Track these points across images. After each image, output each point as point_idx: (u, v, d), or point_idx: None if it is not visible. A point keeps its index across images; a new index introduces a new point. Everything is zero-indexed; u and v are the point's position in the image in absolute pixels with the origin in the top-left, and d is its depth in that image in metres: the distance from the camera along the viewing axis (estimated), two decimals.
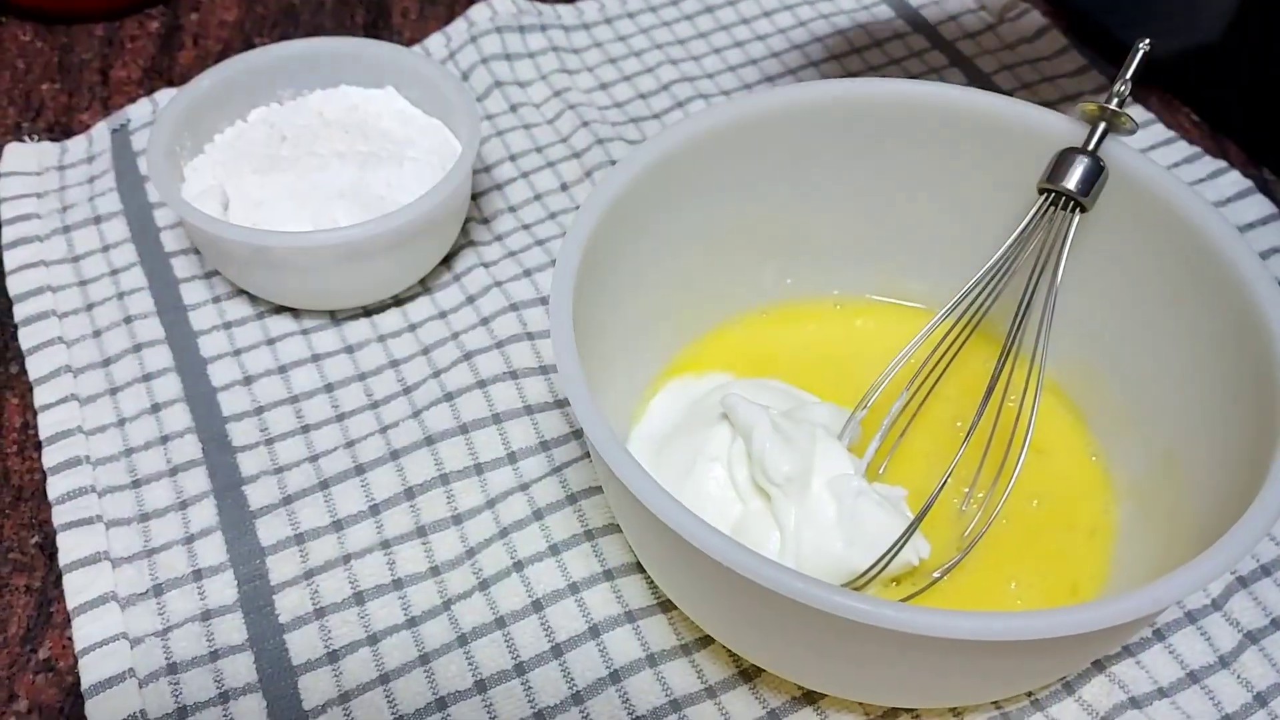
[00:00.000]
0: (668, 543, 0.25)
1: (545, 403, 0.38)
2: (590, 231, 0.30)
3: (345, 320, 0.41)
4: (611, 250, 0.31)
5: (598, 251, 0.30)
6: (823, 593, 0.23)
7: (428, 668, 0.32)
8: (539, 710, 0.31)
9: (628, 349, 0.34)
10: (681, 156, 0.32)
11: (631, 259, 0.32)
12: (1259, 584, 0.33)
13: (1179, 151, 0.46)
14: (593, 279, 0.30)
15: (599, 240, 0.30)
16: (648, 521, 0.25)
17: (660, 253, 0.34)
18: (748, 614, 0.26)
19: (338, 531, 0.35)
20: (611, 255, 0.31)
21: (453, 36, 0.50)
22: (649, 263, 0.33)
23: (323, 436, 0.37)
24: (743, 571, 0.24)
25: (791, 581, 0.23)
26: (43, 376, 0.39)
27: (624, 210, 0.31)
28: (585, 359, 0.28)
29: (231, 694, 0.31)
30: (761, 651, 0.29)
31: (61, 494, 0.35)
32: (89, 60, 0.51)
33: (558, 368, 0.28)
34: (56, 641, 0.33)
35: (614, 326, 0.32)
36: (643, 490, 0.25)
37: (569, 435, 0.37)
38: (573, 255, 0.29)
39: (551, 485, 0.35)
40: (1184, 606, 0.33)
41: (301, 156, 0.40)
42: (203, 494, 0.36)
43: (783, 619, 0.25)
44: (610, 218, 0.31)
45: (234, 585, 0.34)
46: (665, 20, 0.53)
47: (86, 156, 0.46)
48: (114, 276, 0.42)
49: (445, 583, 0.33)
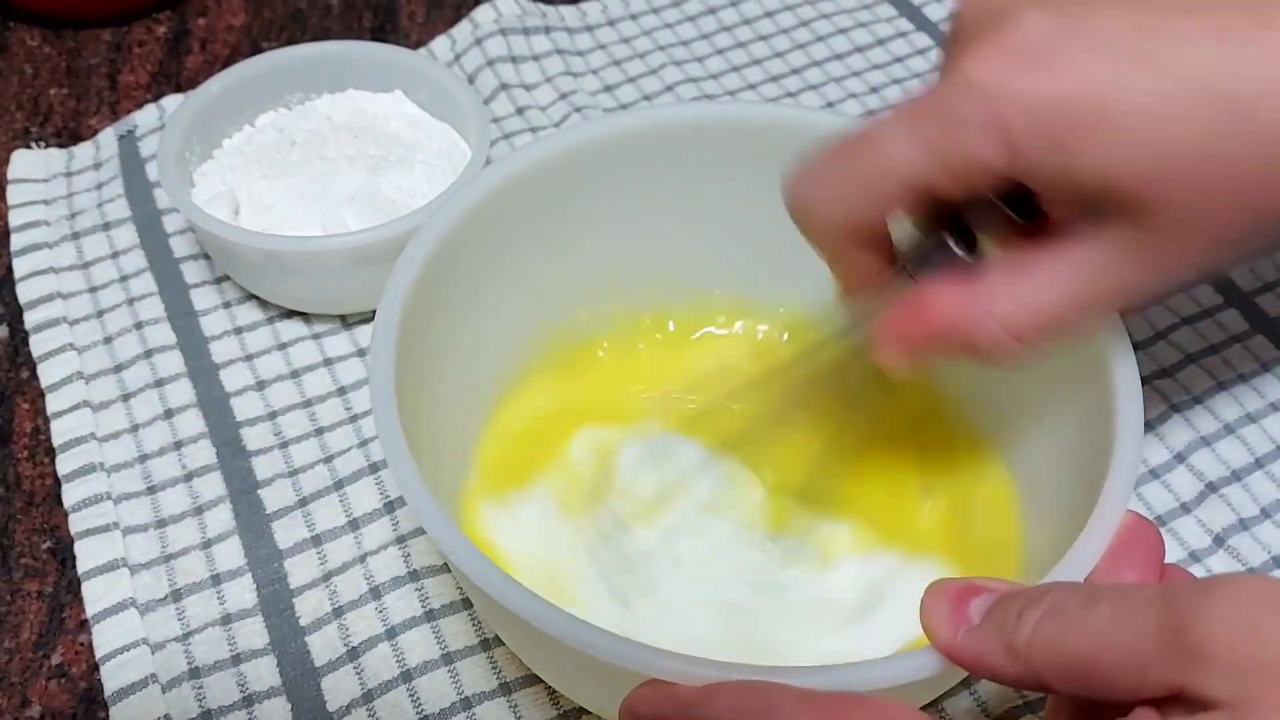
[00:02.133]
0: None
1: None
2: (404, 301, 0.28)
3: (356, 324, 0.41)
4: (433, 312, 0.30)
5: (417, 318, 0.29)
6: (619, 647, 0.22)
7: (451, 668, 0.32)
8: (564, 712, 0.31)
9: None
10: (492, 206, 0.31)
11: (455, 314, 0.31)
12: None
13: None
14: (417, 342, 0.29)
15: (416, 306, 0.29)
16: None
17: (479, 310, 0.32)
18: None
19: (354, 531, 0.35)
20: (433, 317, 0.30)
21: (458, 39, 0.50)
22: (470, 319, 0.32)
23: (336, 438, 0.37)
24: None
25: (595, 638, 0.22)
26: (55, 383, 0.39)
27: (439, 273, 0.30)
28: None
29: (256, 697, 0.31)
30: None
31: (77, 501, 0.35)
32: (97, 65, 0.51)
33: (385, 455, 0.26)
34: (69, 647, 0.33)
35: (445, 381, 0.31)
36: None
37: None
38: (390, 327, 0.28)
39: None
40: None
41: (311, 161, 0.41)
42: (219, 499, 0.36)
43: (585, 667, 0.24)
44: (423, 283, 0.29)
45: (253, 589, 0.34)
46: (668, 22, 0.53)
47: (94, 163, 0.46)
48: (124, 283, 0.42)
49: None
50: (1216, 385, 0.38)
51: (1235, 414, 0.37)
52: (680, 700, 0.21)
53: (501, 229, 0.32)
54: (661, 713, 0.22)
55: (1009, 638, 0.20)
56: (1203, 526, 0.35)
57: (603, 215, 0.34)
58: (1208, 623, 0.18)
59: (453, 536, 0.24)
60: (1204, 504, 0.35)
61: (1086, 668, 0.19)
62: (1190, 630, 0.18)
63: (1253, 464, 0.36)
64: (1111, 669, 0.19)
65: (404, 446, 0.26)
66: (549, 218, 0.33)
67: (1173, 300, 0.41)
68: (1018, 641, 0.20)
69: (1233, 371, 0.38)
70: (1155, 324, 0.40)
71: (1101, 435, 0.26)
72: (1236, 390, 0.38)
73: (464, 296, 0.32)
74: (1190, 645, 0.18)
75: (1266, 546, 0.34)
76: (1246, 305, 0.40)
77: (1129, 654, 0.18)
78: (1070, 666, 0.19)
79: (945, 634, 0.21)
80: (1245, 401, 0.38)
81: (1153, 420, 0.37)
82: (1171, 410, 0.37)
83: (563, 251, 0.34)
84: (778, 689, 0.20)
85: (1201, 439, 0.36)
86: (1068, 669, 0.19)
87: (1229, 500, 0.35)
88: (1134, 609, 0.19)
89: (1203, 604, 0.18)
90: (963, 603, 0.21)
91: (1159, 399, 0.37)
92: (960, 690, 0.31)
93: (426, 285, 0.29)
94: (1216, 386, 0.38)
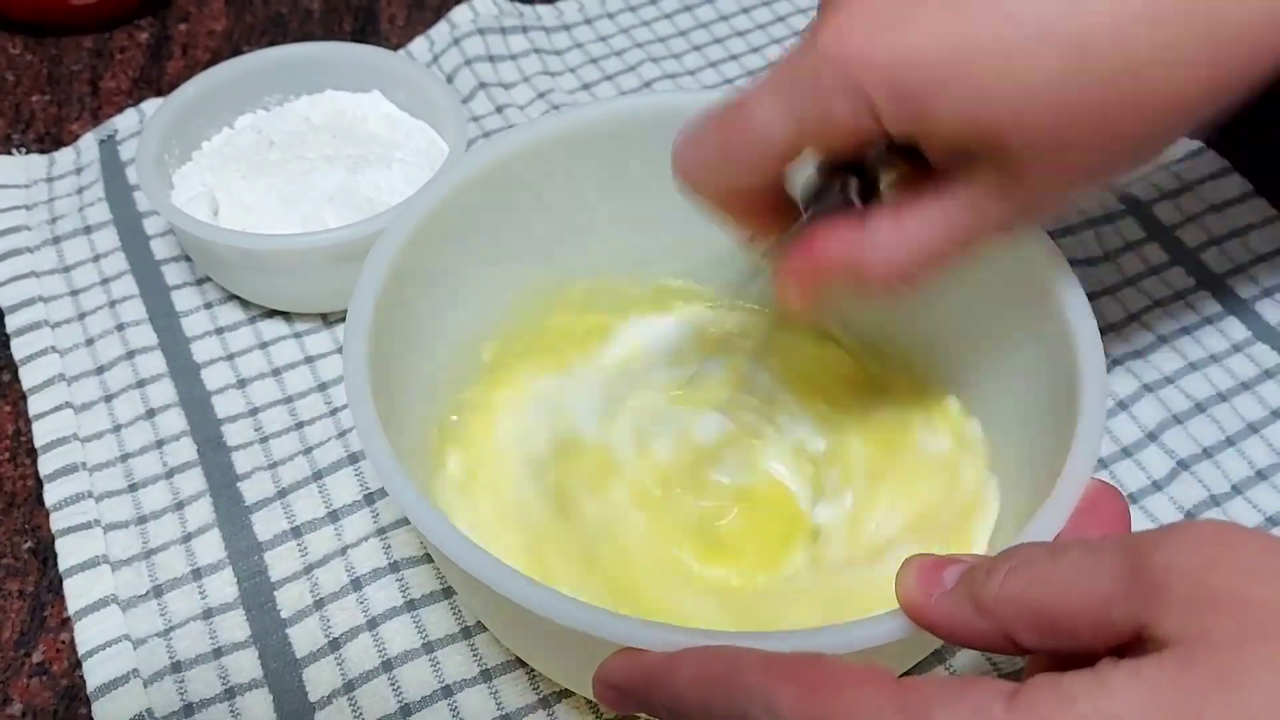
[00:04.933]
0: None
1: None
2: (381, 286, 0.29)
3: (337, 322, 0.41)
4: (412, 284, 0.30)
5: (391, 304, 0.29)
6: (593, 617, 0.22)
7: (432, 656, 0.32)
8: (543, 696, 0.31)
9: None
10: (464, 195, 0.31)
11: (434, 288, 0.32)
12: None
13: (1182, 147, 0.45)
14: (395, 311, 0.29)
15: (389, 295, 0.29)
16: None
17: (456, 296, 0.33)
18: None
19: (334, 523, 0.35)
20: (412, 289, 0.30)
21: (436, 40, 0.51)
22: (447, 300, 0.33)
23: (316, 431, 0.38)
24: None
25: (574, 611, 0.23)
26: (36, 385, 0.39)
27: (412, 263, 0.30)
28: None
29: (237, 689, 0.32)
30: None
31: (59, 500, 0.36)
32: (79, 71, 0.51)
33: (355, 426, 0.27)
34: (50, 645, 0.33)
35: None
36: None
37: None
38: (365, 311, 0.28)
39: None
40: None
41: (290, 161, 0.41)
42: (199, 493, 0.36)
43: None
44: (396, 274, 0.30)
45: (234, 583, 0.34)
46: (645, 19, 0.53)
47: (74, 168, 0.46)
48: (105, 285, 0.42)
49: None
50: (1188, 365, 0.38)
51: (1206, 392, 0.37)
52: (649, 667, 0.22)
53: (474, 217, 0.32)
54: (632, 679, 0.22)
55: (977, 594, 0.20)
56: (1174, 503, 0.35)
57: (571, 203, 0.34)
58: (1164, 557, 0.18)
59: (434, 520, 0.24)
60: (1175, 480, 0.35)
61: (1054, 617, 0.19)
62: (1148, 567, 0.18)
63: (1224, 441, 0.36)
64: (1077, 614, 0.19)
65: (381, 436, 0.26)
66: (520, 207, 0.33)
67: (1144, 283, 0.41)
68: (985, 596, 0.20)
69: (1204, 351, 0.39)
70: (1127, 306, 0.40)
71: (1067, 403, 0.26)
72: (1208, 370, 0.38)
73: (437, 286, 0.32)
74: (1147, 580, 0.18)
75: (1239, 522, 0.34)
76: (1219, 287, 0.41)
77: (1094, 598, 0.19)
78: (1038, 617, 0.19)
79: (917, 598, 0.21)
80: (1216, 381, 0.38)
81: (1125, 399, 0.37)
82: (1144, 390, 0.37)
83: (532, 241, 0.34)
84: (743, 652, 0.21)
85: (1173, 417, 0.37)
86: (1035, 619, 0.19)
87: (1200, 477, 0.35)
88: (1099, 556, 0.19)
89: (1161, 542, 0.18)
90: (937, 571, 0.22)
91: (1131, 379, 0.38)
92: (933, 663, 0.31)
93: (399, 276, 0.30)
94: (1188, 367, 0.38)
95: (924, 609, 0.21)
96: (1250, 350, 0.39)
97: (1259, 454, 0.36)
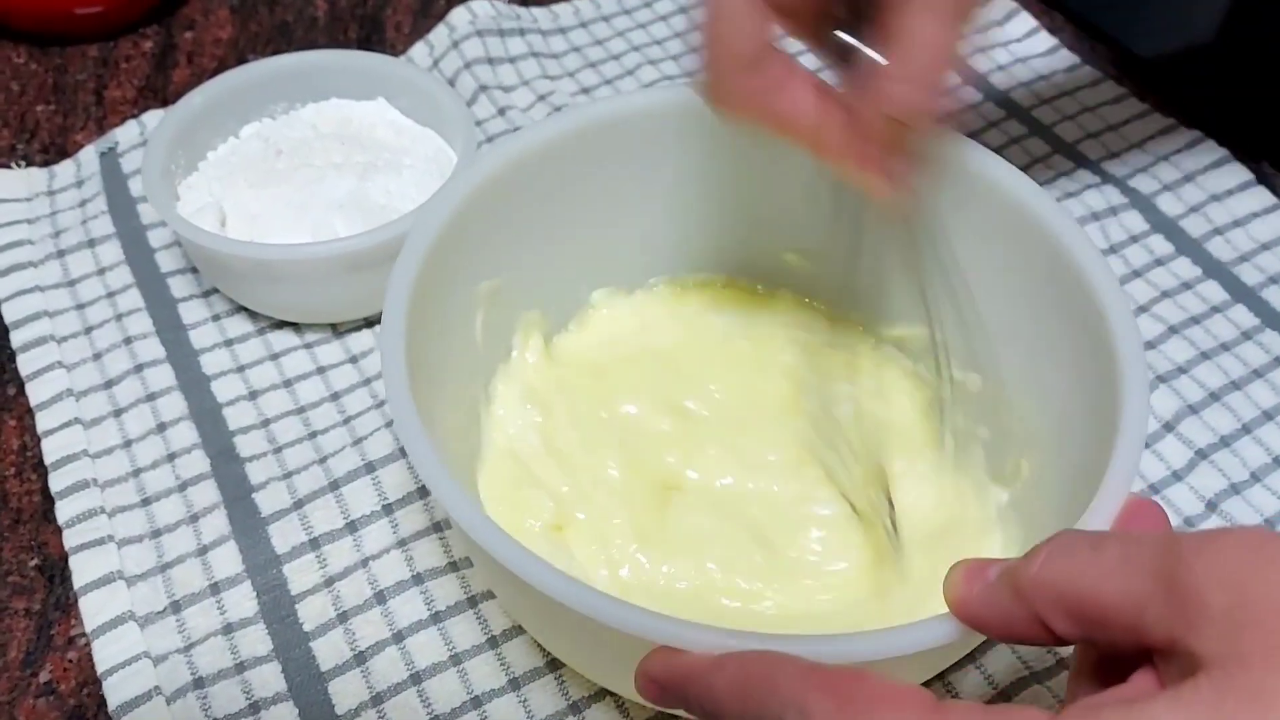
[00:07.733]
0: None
1: None
2: (414, 279, 0.29)
3: (348, 332, 0.41)
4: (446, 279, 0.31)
5: (430, 284, 0.30)
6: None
7: (460, 668, 0.32)
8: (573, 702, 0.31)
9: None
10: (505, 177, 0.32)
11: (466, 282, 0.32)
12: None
13: (1183, 138, 0.46)
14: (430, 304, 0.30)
15: (427, 279, 0.30)
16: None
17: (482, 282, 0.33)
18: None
19: (353, 534, 0.35)
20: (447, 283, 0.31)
21: (435, 44, 0.51)
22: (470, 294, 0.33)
23: (330, 440, 0.37)
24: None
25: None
26: (44, 402, 0.38)
27: (440, 263, 0.30)
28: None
29: (262, 704, 0.31)
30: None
31: (71, 517, 0.35)
32: (83, 81, 0.51)
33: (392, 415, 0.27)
34: (57, 664, 0.33)
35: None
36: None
37: None
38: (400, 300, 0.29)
39: None
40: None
41: (298, 169, 0.41)
42: (213, 505, 0.36)
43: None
44: (426, 273, 0.30)
45: (253, 597, 0.33)
46: (640, 22, 0.53)
47: (76, 180, 0.46)
48: (111, 299, 0.42)
49: (466, 578, 0.34)
50: (1200, 354, 0.39)
51: (1220, 381, 0.38)
52: (691, 666, 0.22)
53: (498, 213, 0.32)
54: (674, 677, 0.22)
55: (1016, 580, 0.20)
56: (1195, 493, 0.35)
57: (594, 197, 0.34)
58: (1203, 566, 0.18)
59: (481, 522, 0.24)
60: (1195, 470, 0.36)
61: (1088, 606, 0.19)
62: (1186, 575, 0.18)
63: (1240, 430, 0.36)
64: (1111, 608, 0.19)
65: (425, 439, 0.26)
66: (541, 203, 0.33)
67: (1153, 275, 0.41)
68: (1023, 580, 0.20)
69: (1215, 340, 0.39)
70: (1137, 298, 0.40)
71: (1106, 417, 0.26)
72: (1220, 359, 0.39)
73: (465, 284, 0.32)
74: (1183, 590, 0.18)
75: (1259, 509, 0.35)
76: (1226, 276, 0.41)
77: (1128, 595, 0.19)
78: (1072, 604, 0.19)
79: (962, 593, 0.22)
80: (1229, 369, 0.38)
81: None
82: (1158, 381, 0.38)
83: (556, 234, 0.34)
84: (783, 660, 0.21)
85: (1189, 407, 0.37)
86: (1070, 606, 0.19)
87: (1219, 466, 0.36)
88: (1138, 551, 0.19)
89: (1201, 549, 0.18)
90: (982, 569, 0.22)
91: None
92: (967, 665, 0.31)
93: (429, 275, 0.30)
94: (1200, 356, 0.39)
95: (967, 601, 0.22)
96: (1260, 337, 0.39)
97: (1276, 441, 0.36)
